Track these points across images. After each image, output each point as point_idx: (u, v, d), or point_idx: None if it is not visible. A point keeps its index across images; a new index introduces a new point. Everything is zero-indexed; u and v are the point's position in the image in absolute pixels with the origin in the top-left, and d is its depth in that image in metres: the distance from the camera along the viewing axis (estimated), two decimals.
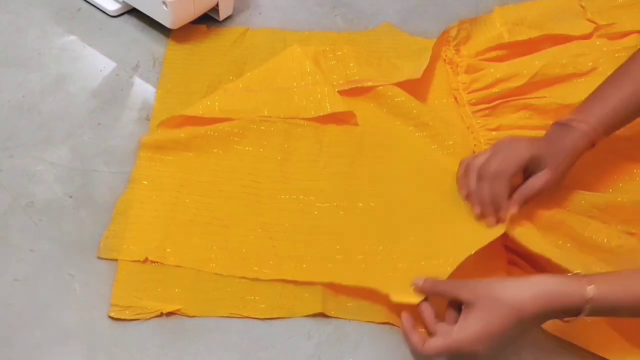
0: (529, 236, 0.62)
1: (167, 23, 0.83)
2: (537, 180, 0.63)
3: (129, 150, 0.73)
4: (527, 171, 0.64)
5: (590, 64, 0.78)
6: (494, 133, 0.76)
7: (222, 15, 0.89)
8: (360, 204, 0.69)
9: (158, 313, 0.60)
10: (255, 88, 0.76)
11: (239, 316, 0.61)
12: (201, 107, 0.73)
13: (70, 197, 0.68)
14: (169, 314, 0.60)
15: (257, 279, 0.62)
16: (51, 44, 0.84)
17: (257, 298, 0.62)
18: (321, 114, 0.75)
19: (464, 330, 0.51)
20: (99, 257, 0.63)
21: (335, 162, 0.73)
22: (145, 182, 0.69)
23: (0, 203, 0.67)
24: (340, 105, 0.75)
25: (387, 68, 0.83)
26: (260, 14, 0.92)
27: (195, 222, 0.66)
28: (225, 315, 0.61)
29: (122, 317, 0.59)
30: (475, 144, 0.75)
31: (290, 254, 0.64)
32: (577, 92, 0.75)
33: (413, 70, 0.79)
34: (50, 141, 0.73)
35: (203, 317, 0.60)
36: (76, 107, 0.77)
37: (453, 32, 0.85)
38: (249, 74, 0.78)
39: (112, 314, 0.59)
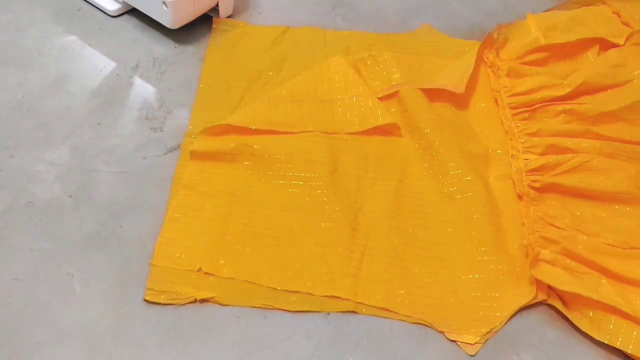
0: (555, 275, 0.63)
1: (167, 23, 0.83)
2: None
3: (129, 150, 0.73)
4: None
5: (627, 74, 0.79)
6: (534, 139, 0.76)
7: (222, 15, 0.89)
8: (410, 230, 0.68)
9: (192, 299, 0.61)
10: (299, 98, 0.77)
11: (271, 307, 0.61)
12: (246, 116, 0.74)
13: (70, 196, 0.68)
14: (202, 301, 0.61)
15: (310, 294, 0.62)
16: (51, 44, 0.84)
17: (289, 291, 0.62)
18: (365, 128, 0.75)
19: None
20: (152, 264, 0.62)
21: (383, 178, 0.72)
22: (199, 189, 0.69)
23: (0, 203, 0.67)
24: (384, 117, 0.75)
25: (429, 70, 0.84)
26: (260, 13, 0.92)
27: (248, 233, 0.66)
28: (258, 306, 0.61)
29: (157, 301, 0.60)
30: (512, 154, 0.75)
31: (343, 271, 0.64)
32: (615, 100, 0.77)
33: (456, 78, 0.79)
34: (50, 141, 0.73)
35: (235, 306, 0.61)
36: (76, 107, 0.77)
37: (495, 35, 0.86)
38: (292, 81, 0.79)
39: (148, 298, 0.60)
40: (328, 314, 0.61)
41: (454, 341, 0.60)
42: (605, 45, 0.84)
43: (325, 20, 0.91)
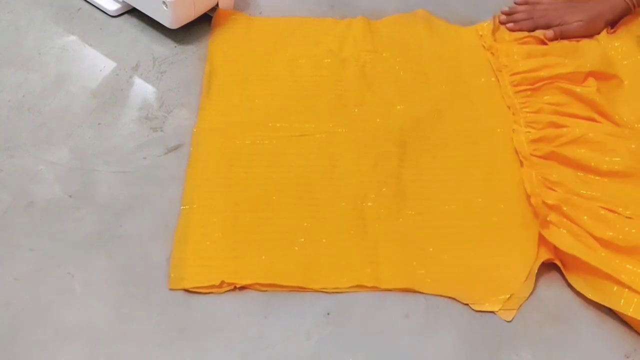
0: (559, 236, 0.65)
1: (167, 23, 0.83)
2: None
3: (129, 149, 0.73)
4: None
5: (625, 70, 0.80)
6: (536, 115, 0.76)
7: None
8: (414, 212, 0.69)
9: (231, 287, 0.62)
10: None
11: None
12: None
13: (71, 196, 0.68)
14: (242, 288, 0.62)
15: (337, 288, 0.63)
16: (51, 44, 0.84)
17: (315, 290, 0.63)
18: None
19: None
20: (171, 289, 0.61)
21: (383, 163, 0.72)
22: (196, 206, 0.67)
23: (0, 203, 0.67)
24: None
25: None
26: (260, 13, 0.92)
27: (261, 240, 0.65)
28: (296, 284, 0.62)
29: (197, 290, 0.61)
30: (514, 129, 0.76)
31: (363, 260, 0.64)
32: (618, 93, 0.78)
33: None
34: (50, 141, 0.73)
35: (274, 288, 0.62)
36: (76, 107, 0.77)
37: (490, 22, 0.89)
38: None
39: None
40: (328, 313, 0.62)
41: (482, 311, 0.62)
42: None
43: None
